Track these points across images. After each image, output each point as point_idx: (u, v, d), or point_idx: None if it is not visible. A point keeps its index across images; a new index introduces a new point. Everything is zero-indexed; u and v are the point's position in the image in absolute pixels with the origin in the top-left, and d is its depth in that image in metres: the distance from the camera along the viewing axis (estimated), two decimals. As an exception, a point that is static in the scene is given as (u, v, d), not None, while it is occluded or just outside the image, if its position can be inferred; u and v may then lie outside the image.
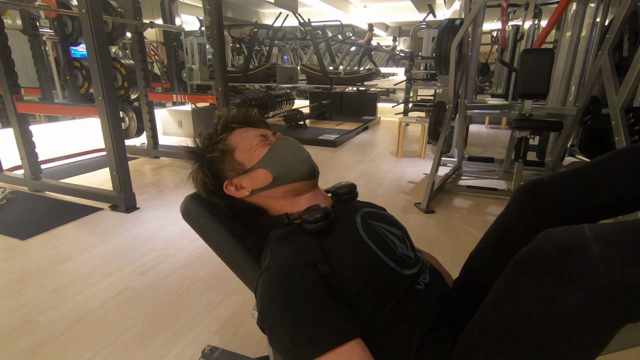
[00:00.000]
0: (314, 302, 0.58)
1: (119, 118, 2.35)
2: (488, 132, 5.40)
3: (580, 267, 0.47)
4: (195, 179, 0.78)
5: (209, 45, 5.40)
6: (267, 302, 0.60)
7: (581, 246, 0.48)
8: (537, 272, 0.52)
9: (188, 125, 4.86)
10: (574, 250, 0.48)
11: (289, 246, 0.67)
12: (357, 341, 0.56)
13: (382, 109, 7.16)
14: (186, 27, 5.62)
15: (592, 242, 0.48)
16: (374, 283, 0.63)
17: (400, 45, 14.32)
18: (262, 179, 0.75)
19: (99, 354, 1.24)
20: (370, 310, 0.62)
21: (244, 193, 0.76)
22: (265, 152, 0.75)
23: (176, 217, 2.28)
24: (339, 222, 0.72)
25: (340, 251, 0.65)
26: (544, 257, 0.51)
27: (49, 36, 4.17)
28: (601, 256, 0.46)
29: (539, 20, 4.79)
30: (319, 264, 0.62)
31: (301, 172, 0.75)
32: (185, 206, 0.79)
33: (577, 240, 0.49)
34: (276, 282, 0.61)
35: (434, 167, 2.61)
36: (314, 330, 0.55)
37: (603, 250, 0.46)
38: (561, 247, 0.49)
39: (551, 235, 0.51)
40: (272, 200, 0.77)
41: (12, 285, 1.62)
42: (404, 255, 0.70)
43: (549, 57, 2.34)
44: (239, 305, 1.49)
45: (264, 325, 0.60)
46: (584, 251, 0.47)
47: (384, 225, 0.75)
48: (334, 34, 6.74)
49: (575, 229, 0.50)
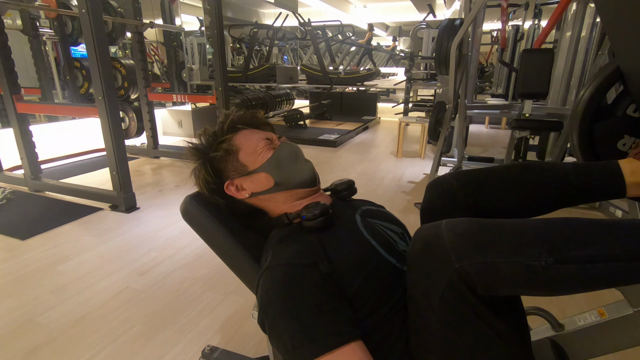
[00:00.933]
0: (315, 302, 0.58)
1: (119, 118, 2.35)
2: (488, 132, 5.40)
3: (438, 258, 0.53)
4: (198, 176, 0.78)
5: (209, 45, 5.40)
6: (267, 302, 0.60)
7: (437, 239, 0.54)
8: (413, 270, 0.59)
9: (188, 125, 4.86)
10: (432, 244, 0.55)
11: (290, 246, 0.67)
12: (358, 343, 0.56)
13: (382, 109, 7.16)
14: (186, 27, 5.62)
15: (445, 233, 0.53)
16: (374, 279, 0.63)
17: (400, 45, 14.32)
18: (264, 183, 0.75)
19: (99, 354, 1.24)
20: (370, 308, 0.62)
21: (244, 195, 0.77)
22: (268, 156, 0.75)
23: (176, 217, 2.28)
24: (339, 220, 0.72)
25: (341, 248, 0.65)
26: (413, 254, 0.58)
27: (49, 36, 4.17)
28: (451, 246, 0.52)
29: (539, 20, 4.79)
30: (320, 263, 0.62)
31: (302, 180, 0.76)
32: (185, 206, 0.79)
33: (434, 234, 0.55)
34: (277, 281, 0.61)
35: (434, 167, 2.61)
36: (313, 331, 0.55)
37: (452, 239, 0.53)
38: (422, 242, 0.57)
39: (417, 232, 0.59)
40: (272, 203, 0.78)
41: (12, 285, 1.62)
42: (404, 252, 0.71)
43: (549, 57, 2.33)
44: (239, 305, 1.49)
45: (264, 324, 0.60)
46: (439, 243, 0.53)
47: (383, 223, 0.76)
48: (334, 34, 6.74)
49: (435, 224, 0.56)
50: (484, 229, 0.54)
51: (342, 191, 0.83)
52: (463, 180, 0.75)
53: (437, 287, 0.53)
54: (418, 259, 0.57)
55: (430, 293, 0.55)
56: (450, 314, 0.54)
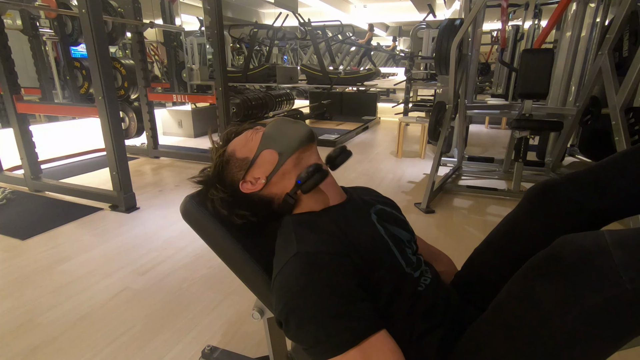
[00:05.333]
0: (347, 292, 0.58)
1: (119, 118, 2.35)
2: (488, 132, 5.40)
3: (601, 273, 0.47)
4: (214, 201, 0.76)
5: (209, 45, 5.40)
6: (298, 289, 0.58)
7: (601, 252, 0.48)
8: (555, 275, 0.51)
9: (188, 125, 4.86)
10: (594, 256, 0.48)
11: (314, 233, 0.66)
12: (384, 332, 0.57)
13: (382, 109, 7.16)
14: (186, 27, 5.62)
15: (613, 248, 0.47)
16: (388, 277, 0.64)
17: (400, 45, 14.32)
18: (270, 160, 0.74)
19: (99, 354, 1.24)
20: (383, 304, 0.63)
21: (261, 183, 0.74)
22: (260, 135, 0.76)
23: (176, 217, 2.28)
24: (357, 215, 0.73)
25: (362, 242, 0.65)
26: (563, 261, 0.51)
27: (49, 36, 4.17)
28: (622, 263, 0.46)
29: (539, 20, 4.79)
30: (352, 254, 0.62)
31: (300, 137, 0.74)
32: (185, 206, 0.79)
33: (597, 245, 0.49)
34: (309, 269, 0.60)
35: (434, 167, 2.61)
36: (348, 320, 0.56)
37: (624, 257, 0.47)
38: (581, 251, 0.49)
39: (570, 239, 0.52)
40: (287, 179, 0.74)
41: (12, 285, 1.62)
42: (410, 258, 0.72)
43: (549, 57, 2.34)
44: (239, 305, 1.49)
45: (289, 317, 0.58)
46: (605, 257, 0.47)
47: (394, 228, 0.76)
48: (334, 34, 6.74)
49: (595, 235, 0.50)
50: None
51: (336, 157, 0.82)
52: (579, 184, 0.71)
53: (586, 301, 0.48)
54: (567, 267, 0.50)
55: (569, 304, 0.49)
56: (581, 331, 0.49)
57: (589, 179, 0.72)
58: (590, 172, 0.73)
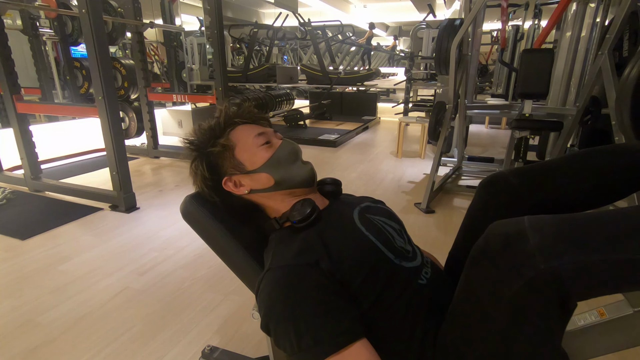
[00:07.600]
0: (318, 302, 0.58)
1: (119, 118, 2.35)
2: (488, 132, 5.40)
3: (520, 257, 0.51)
4: (196, 173, 0.77)
5: (209, 45, 5.39)
6: (271, 304, 0.60)
7: (519, 236, 0.51)
8: (484, 264, 0.55)
9: (188, 125, 4.85)
10: (513, 240, 0.52)
11: (289, 246, 0.67)
12: (363, 342, 0.56)
13: (382, 109, 7.16)
14: (186, 27, 5.61)
15: (529, 232, 0.51)
16: (374, 275, 0.63)
17: (400, 45, 14.32)
18: (264, 182, 0.75)
19: (99, 354, 1.24)
20: (372, 302, 0.62)
21: (243, 191, 0.76)
22: (269, 156, 0.75)
23: (176, 217, 2.28)
24: (337, 217, 0.72)
25: (340, 245, 0.65)
26: (488, 249, 0.55)
27: (49, 36, 4.17)
28: (535, 245, 0.49)
29: (539, 20, 4.79)
30: (321, 261, 0.62)
31: (302, 180, 0.76)
32: (185, 206, 0.79)
33: (516, 231, 0.52)
34: (279, 283, 0.61)
35: (434, 167, 2.61)
36: (318, 332, 0.55)
37: (537, 239, 0.50)
38: (503, 237, 0.53)
39: (495, 228, 0.55)
40: (269, 200, 0.77)
41: (12, 285, 1.62)
42: (402, 248, 0.71)
43: (549, 57, 2.33)
44: (239, 305, 1.49)
45: (269, 327, 0.60)
46: (522, 241, 0.51)
47: (381, 218, 0.76)
48: (334, 34, 6.74)
49: (516, 221, 0.54)
50: (573, 225, 0.51)
51: (326, 185, 0.83)
52: (524, 177, 0.73)
53: (512, 284, 0.51)
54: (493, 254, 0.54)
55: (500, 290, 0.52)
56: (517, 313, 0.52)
57: (534, 173, 0.75)
58: (538, 167, 0.76)
